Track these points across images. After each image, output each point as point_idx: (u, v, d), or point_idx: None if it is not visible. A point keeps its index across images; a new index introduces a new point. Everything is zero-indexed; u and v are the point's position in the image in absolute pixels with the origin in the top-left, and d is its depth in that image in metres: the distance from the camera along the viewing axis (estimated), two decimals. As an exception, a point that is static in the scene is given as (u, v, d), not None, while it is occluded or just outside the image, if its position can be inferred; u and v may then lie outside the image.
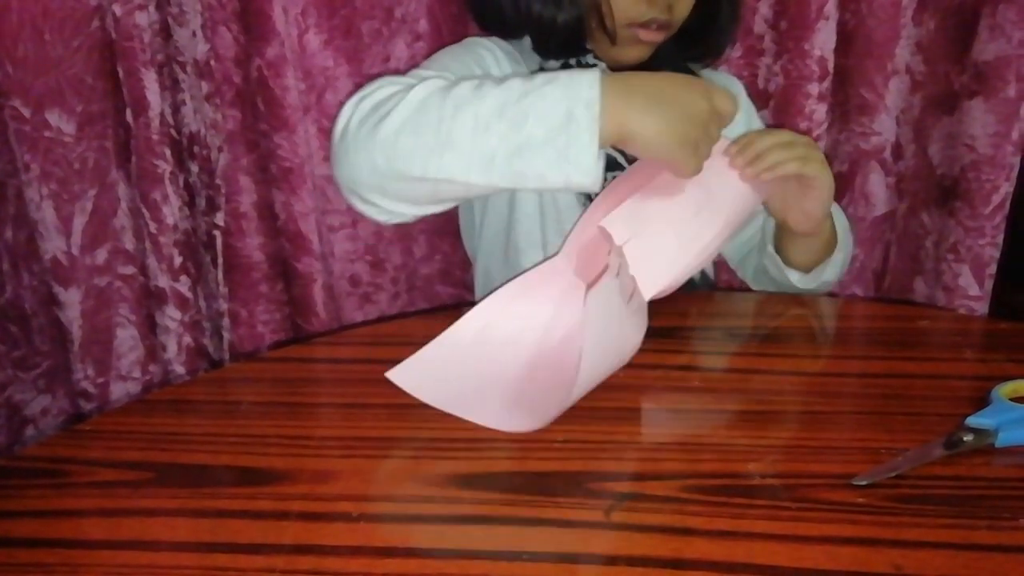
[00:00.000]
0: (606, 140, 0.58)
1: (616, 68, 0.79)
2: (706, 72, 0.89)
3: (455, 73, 0.70)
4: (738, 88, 0.89)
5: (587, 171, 0.57)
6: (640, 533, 0.44)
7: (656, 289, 0.63)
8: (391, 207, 0.65)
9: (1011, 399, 0.55)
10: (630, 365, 0.64)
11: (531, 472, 0.49)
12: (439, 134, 0.58)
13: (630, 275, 0.59)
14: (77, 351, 0.97)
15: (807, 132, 0.91)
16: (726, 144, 0.66)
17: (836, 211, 0.78)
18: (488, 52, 0.80)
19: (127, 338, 0.99)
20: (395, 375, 0.57)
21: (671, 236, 0.63)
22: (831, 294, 1.00)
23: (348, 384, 0.64)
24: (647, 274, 0.61)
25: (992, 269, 0.92)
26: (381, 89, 0.64)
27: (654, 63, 0.81)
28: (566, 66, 0.79)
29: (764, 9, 0.91)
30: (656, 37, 0.76)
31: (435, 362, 0.57)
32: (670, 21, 0.76)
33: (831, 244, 0.76)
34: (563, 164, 0.57)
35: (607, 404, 0.58)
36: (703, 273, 0.86)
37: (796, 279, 0.78)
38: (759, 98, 0.94)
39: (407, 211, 0.66)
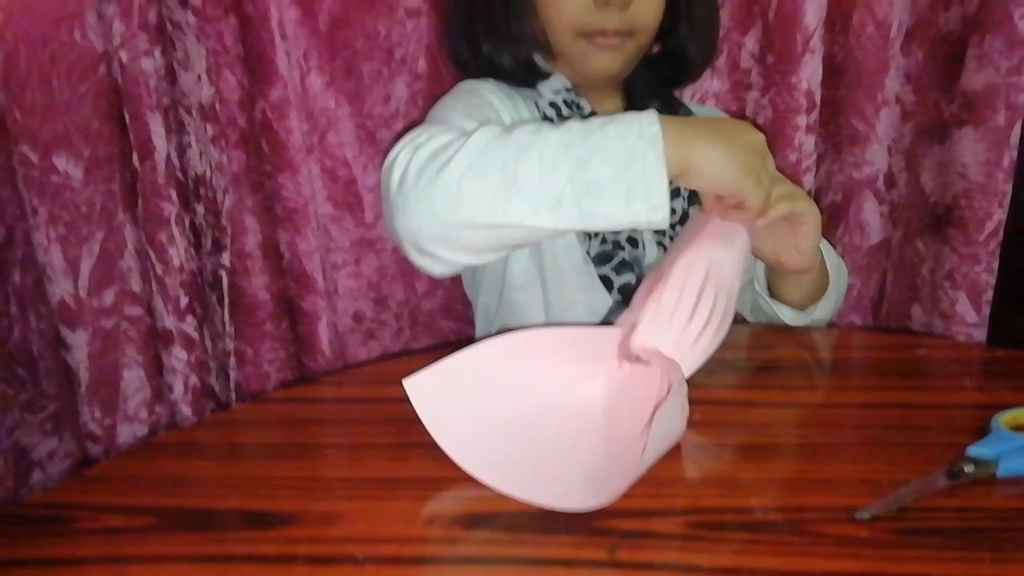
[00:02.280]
0: (672, 175, 0.57)
1: (590, 82, 0.81)
2: (692, 105, 0.90)
3: (471, 118, 0.71)
4: (718, 114, 0.91)
5: (657, 207, 0.56)
6: (646, 571, 0.44)
7: (697, 367, 0.61)
8: (451, 257, 0.63)
9: (1011, 428, 0.56)
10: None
11: (535, 511, 0.49)
12: (505, 177, 0.57)
13: (685, 383, 0.56)
14: (84, 393, 0.98)
15: (797, 163, 0.92)
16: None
17: (826, 248, 0.78)
18: (487, 90, 0.81)
19: (134, 379, 1.00)
20: (410, 385, 0.56)
21: (710, 318, 0.60)
22: (829, 324, 1.01)
23: (353, 424, 0.64)
24: (691, 356, 0.60)
25: (989, 295, 0.93)
26: (435, 138, 0.62)
27: (630, 84, 0.84)
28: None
29: (750, 44, 0.92)
30: (614, 43, 0.76)
31: (453, 381, 0.56)
32: (631, 27, 0.75)
33: (824, 279, 0.76)
34: (632, 202, 0.56)
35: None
36: None
37: (790, 317, 0.78)
38: None
39: (466, 261, 0.64)
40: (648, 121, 0.57)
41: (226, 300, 0.98)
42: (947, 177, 0.92)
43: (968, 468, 0.52)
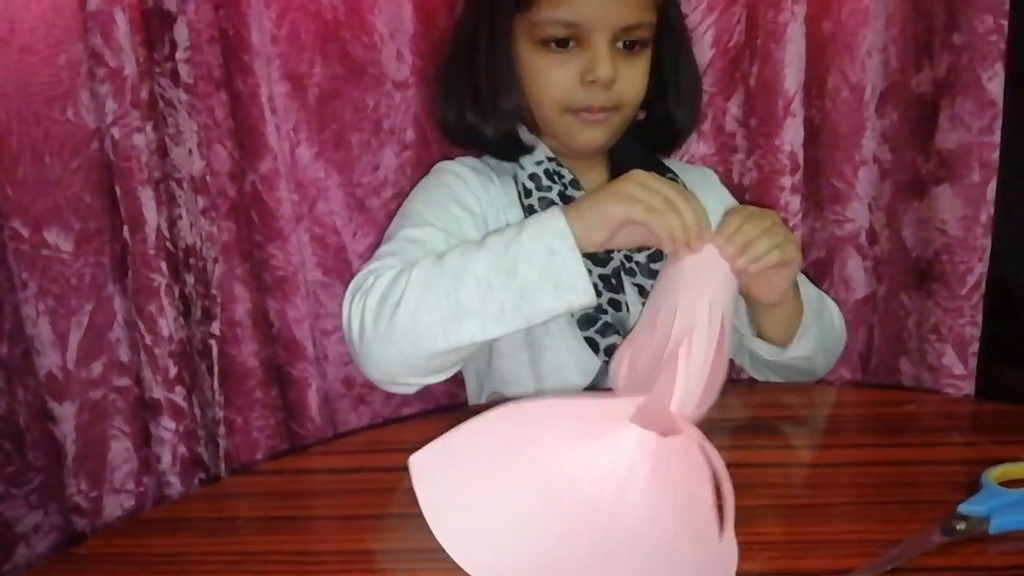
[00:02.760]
0: (591, 250, 0.66)
1: (576, 154, 0.82)
2: (679, 166, 0.90)
3: (436, 220, 0.77)
4: (712, 178, 0.91)
5: (583, 292, 0.64)
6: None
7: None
8: (422, 381, 0.72)
9: (1000, 483, 0.56)
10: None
11: (530, 582, 0.49)
12: (450, 304, 0.65)
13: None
14: (71, 465, 0.96)
15: (784, 222, 0.93)
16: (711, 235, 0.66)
17: (803, 282, 0.79)
18: (455, 176, 0.82)
19: (121, 450, 0.99)
20: (415, 463, 0.51)
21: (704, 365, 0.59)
22: (819, 380, 1.02)
23: (344, 495, 0.64)
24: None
25: (975, 348, 0.94)
26: (379, 280, 0.69)
27: (615, 152, 0.85)
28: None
29: (734, 108, 0.95)
30: (600, 118, 0.78)
31: (458, 460, 0.52)
32: (617, 103, 0.77)
33: (798, 310, 0.76)
34: (563, 294, 0.64)
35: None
36: None
37: (767, 352, 0.77)
38: (734, 193, 0.97)
39: (436, 379, 0.72)
40: (553, 217, 0.65)
41: (215, 368, 0.97)
42: (927, 233, 0.94)
43: (960, 525, 0.52)
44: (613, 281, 0.78)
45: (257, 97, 0.87)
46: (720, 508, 0.48)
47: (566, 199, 0.81)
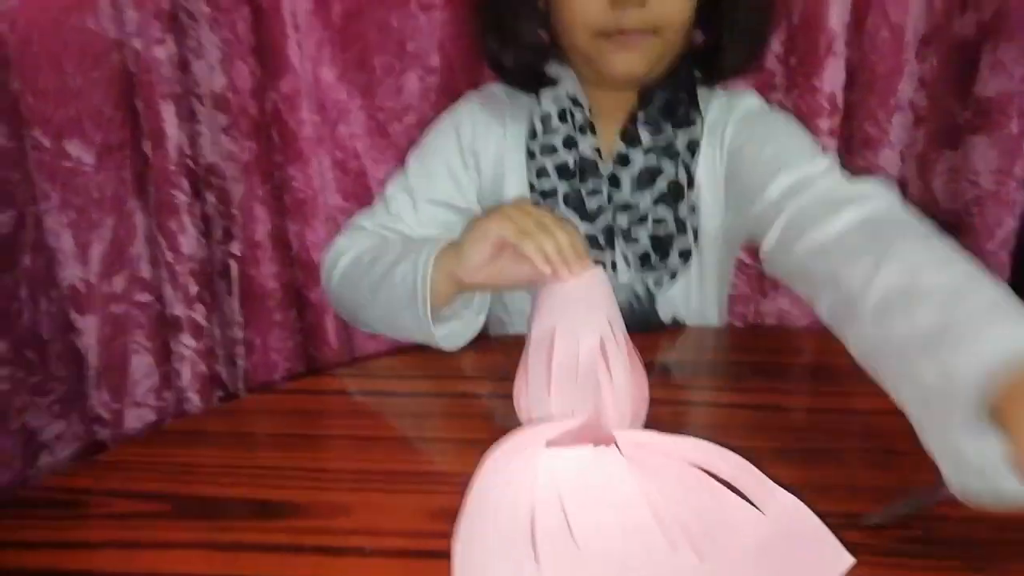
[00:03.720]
0: (453, 293, 0.70)
1: (612, 85, 0.77)
2: (719, 89, 0.83)
3: (416, 181, 0.82)
4: (751, 99, 0.82)
5: (439, 341, 0.71)
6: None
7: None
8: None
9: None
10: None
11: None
12: (359, 309, 0.78)
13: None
14: (93, 377, 0.98)
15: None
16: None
17: None
18: (453, 129, 0.83)
19: (142, 365, 1.01)
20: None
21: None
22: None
23: (361, 416, 0.65)
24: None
25: (998, 302, 0.93)
26: (345, 255, 0.80)
27: (663, 83, 0.78)
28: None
29: (775, 45, 0.92)
30: (636, 41, 0.72)
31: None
32: (654, 25, 0.71)
33: None
34: (429, 340, 0.71)
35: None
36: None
37: None
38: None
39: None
40: (425, 262, 0.69)
41: (235, 289, 0.98)
42: (958, 184, 0.92)
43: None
44: (601, 240, 0.78)
45: (279, 12, 0.85)
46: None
47: (569, 144, 0.78)
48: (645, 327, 0.79)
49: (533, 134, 0.80)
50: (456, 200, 0.83)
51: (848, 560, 0.41)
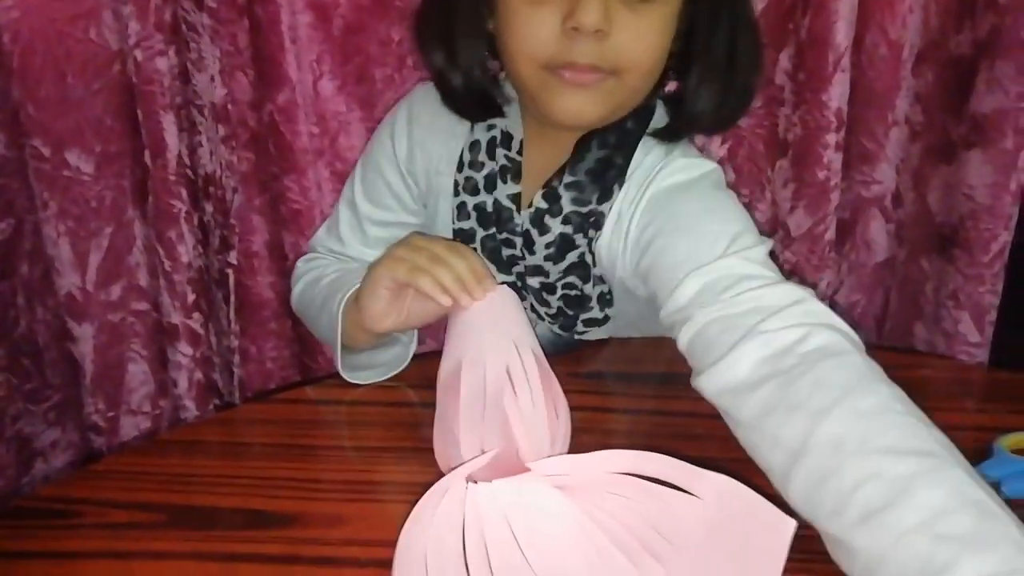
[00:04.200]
0: (375, 338, 0.69)
1: (563, 126, 0.67)
2: (683, 146, 0.71)
3: (358, 195, 0.82)
4: (716, 172, 0.69)
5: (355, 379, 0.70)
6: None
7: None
8: None
9: (1013, 451, 0.56)
10: (626, 411, 0.65)
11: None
12: (309, 323, 0.83)
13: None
14: (88, 385, 0.98)
15: (826, 181, 0.91)
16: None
17: None
18: (388, 141, 0.80)
19: (138, 373, 1.01)
20: None
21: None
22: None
23: (356, 427, 0.65)
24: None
25: (992, 316, 0.93)
26: (296, 277, 0.85)
27: (604, 134, 0.67)
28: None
29: (784, 61, 0.92)
30: (588, 79, 0.61)
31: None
32: (613, 65, 0.60)
33: None
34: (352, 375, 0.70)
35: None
36: None
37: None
38: (779, 148, 0.95)
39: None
40: (338, 303, 0.69)
41: (232, 298, 0.98)
42: (954, 198, 0.92)
43: (968, 491, 0.52)
44: (520, 286, 0.75)
45: (277, 25, 0.85)
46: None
47: (491, 187, 0.72)
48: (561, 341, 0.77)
49: (461, 165, 0.74)
50: (403, 217, 0.81)
51: (791, 523, 0.39)
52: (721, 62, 0.65)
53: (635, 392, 0.67)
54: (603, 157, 0.68)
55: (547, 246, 0.70)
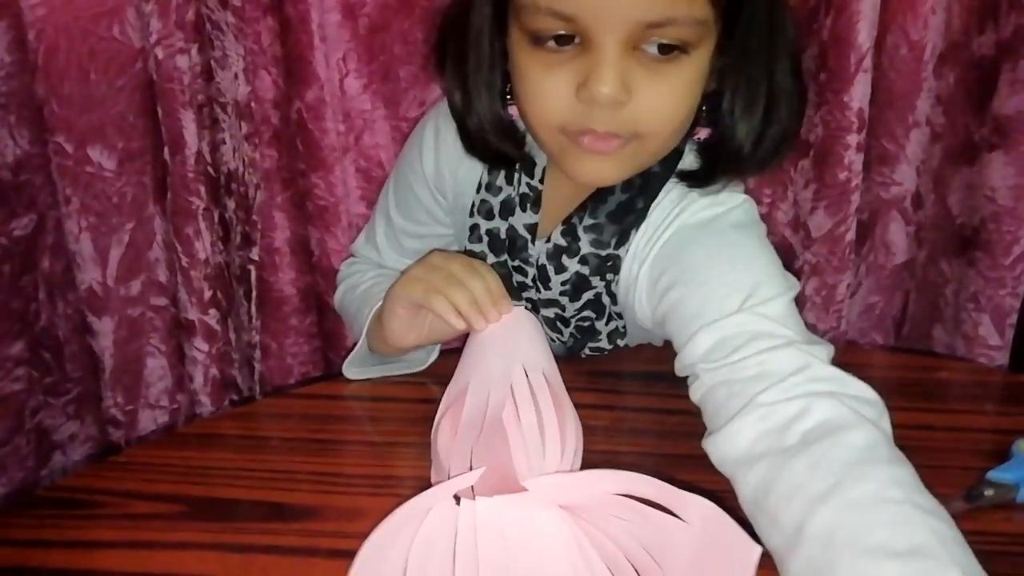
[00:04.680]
0: (395, 350, 0.70)
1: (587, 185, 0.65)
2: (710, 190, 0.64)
3: (392, 209, 0.81)
4: (740, 209, 0.64)
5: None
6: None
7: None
8: None
9: (1032, 454, 0.56)
10: (649, 410, 0.65)
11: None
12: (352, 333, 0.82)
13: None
14: (108, 379, 0.99)
15: (847, 182, 0.91)
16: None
17: None
18: (416, 159, 0.76)
19: (156, 367, 1.01)
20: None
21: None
22: (852, 342, 1.01)
23: (376, 422, 0.65)
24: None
25: (1013, 319, 0.92)
26: (346, 280, 0.86)
27: (641, 176, 0.64)
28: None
29: (807, 61, 0.91)
30: (608, 147, 0.57)
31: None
32: (634, 130, 0.56)
33: None
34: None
35: (631, 449, 0.59)
36: None
37: None
38: (801, 148, 0.94)
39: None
40: (369, 316, 0.71)
41: (253, 294, 0.99)
42: (975, 200, 0.91)
43: (988, 492, 0.52)
44: (530, 309, 0.72)
45: (307, 24, 0.86)
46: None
47: (506, 213, 0.70)
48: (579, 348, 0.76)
49: (479, 187, 0.72)
50: (436, 229, 0.80)
51: (756, 549, 0.38)
52: (758, 98, 0.59)
53: (649, 391, 0.67)
54: (625, 201, 0.65)
55: (563, 283, 0.69)
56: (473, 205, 0.73)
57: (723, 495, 0.52)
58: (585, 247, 0.67)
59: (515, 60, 0.58)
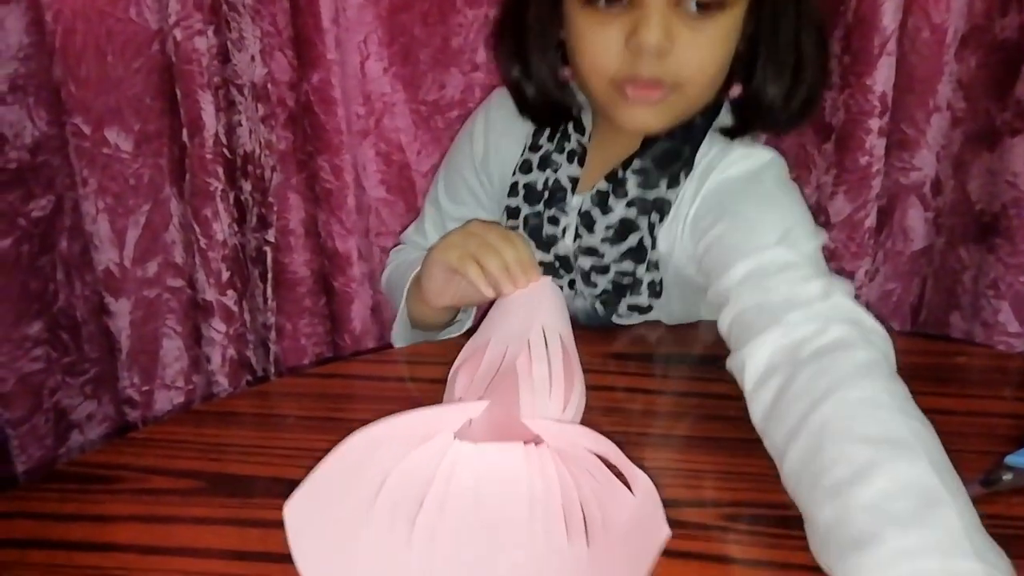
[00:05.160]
0: (432, 311, 0.74)
1: (635, 134, 0.72)
2: (735, 152, 0.71)
3: (442, 193, 0.87)
4: (775, 165, 0.71)
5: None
6: (678, 560, 0.45)
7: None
8: None
9: (1051, 439, 0.55)
10: (663, 392, 0.65)
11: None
12: (394, 306, 0.81)
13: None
14: (124, 359, 1.00)
15: (867, 166, 0.90)
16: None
17: None
18: (468, 139, 0.84)
19: (173, 348, 1.02)
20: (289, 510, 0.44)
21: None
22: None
23: (389, 402, 0.65)
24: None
25: (1033, 306, 0.92)
26: (391, 264, 0.90)
27: (671, 130, 0.70)
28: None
29: (832, 43, 0.90)
30: (652, 97, 0.65)
31: (326, 503, 0.46)
32: (675, 79, 0.64)
33: None
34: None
35: (645, 431, 0.59)
36: None
37: None
38: (823, 132, 0.94)
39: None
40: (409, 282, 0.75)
41: (269, 275, 0.99)
42: (996, 186, 0.90)
43: (1006, 476, 0.52)
44: (557, 267, 0.76)
45: (315, 6, 0.86)
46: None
47: (545, 165, 0.76)
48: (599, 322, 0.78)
49: (524, 149, 0.79)
50: (479, 213, 0.85)
51: (665, 531, 0.40)
52: (786, 61, 0.67)
53: (672, 374, 0.67)
54: (670, 148, 0.71)
55: (607, 228, 0.73)
56: (516, 166, 0.79)
57: (737, 476, 0.53)
58: (632, 191, 0.72)
59: (571, 21, 0.66)
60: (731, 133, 0.71)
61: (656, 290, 0.74)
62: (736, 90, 0.71)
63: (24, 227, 0.92)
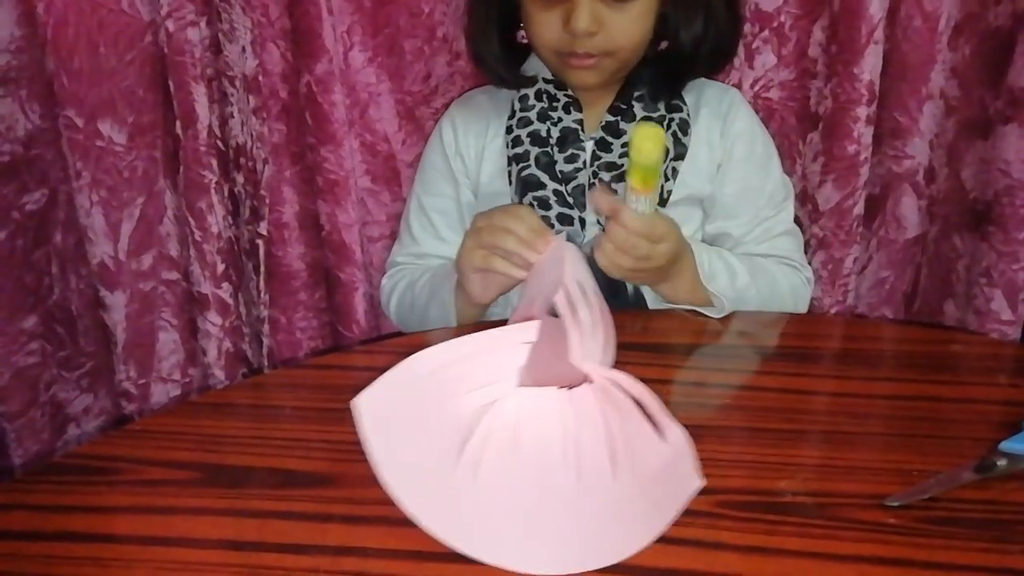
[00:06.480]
0: (481, 309, 0.78)
1: (582, 91, 0.84)
2: (700, 85, 0.86)
3: (424, 194, 0.90)
4: (731, 97, 0.87)
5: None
6: (672, 546, 0.45)
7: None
8: None
9: (1044, 426, 0.56)
10: (654, 380, 0.65)
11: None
12: (424, 323, 0.84)
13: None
14: (120, 353, 1.00)
15: (856, 155, 0.91)
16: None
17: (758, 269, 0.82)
18: (437, 137, 0.89)
19: (168, 341, 1.02)
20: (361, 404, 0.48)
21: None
22: (861, 316, 1.01)
23: (387, 392, 0.65)
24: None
25: (1025, 294, 0.92)
26: (394, 291, 0.90)
27: (629, 77, 0.84)
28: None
29: (818, 33, 0.91)
30: (589, 63, 0.78)
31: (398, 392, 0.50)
32: (606, 49, 0.77)
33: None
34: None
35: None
36: None
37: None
38: (810, 121, 0.94)
39: None
40: (448, 288, 0.79)
41: (262, 268, 0.99)
42: (989, 174, 0.91)
43: (1000, 462, 0.52)
44: (569, 199, 0.81)
45: (316, -4, 0.86)
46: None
47: (543, 118, 0.83)
48: (612, 289, 0.80)
49: (512, 114, 0.85)
50: (462, 195, 0.89)
51: (696, 482, 0.43)
52: (694, 15, 0.80)
53: (662, 362, 0.67)
54: (653, 85, 0.84)
55: (623, 145, 0.82)
56: (510, 129, 0.85)
57: (730, 463, 0.53)
58: (639, 113, 0.84)
59: (524, 8, 0.79)
60: (672, 83, 0.84)
61: (663, 197, 0.83)
62: (663, 45, 0.84)
63: (18, 221, 0.92)
